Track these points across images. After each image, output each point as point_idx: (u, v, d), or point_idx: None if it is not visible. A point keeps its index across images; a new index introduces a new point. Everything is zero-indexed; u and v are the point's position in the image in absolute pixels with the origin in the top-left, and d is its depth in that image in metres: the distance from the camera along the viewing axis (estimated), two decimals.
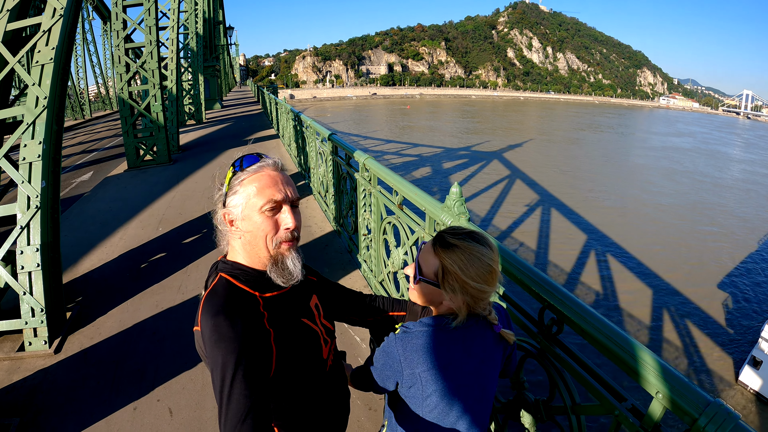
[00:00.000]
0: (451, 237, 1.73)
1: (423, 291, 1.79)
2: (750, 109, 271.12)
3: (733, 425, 1.44)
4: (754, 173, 74.34)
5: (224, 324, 1.49)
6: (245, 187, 1.63)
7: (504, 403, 2.78)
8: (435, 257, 1.72)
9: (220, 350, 1.44)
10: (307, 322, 1.79)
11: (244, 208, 1.62)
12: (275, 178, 1.65)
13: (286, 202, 1.64)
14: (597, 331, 1.95)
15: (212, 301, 1.57)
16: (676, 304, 28.28)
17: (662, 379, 1.68)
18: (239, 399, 1.39)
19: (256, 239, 1.64)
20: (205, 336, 1.50)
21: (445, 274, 1.70)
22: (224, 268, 1.70)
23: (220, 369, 1.42)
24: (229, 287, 1.62)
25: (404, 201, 4.29)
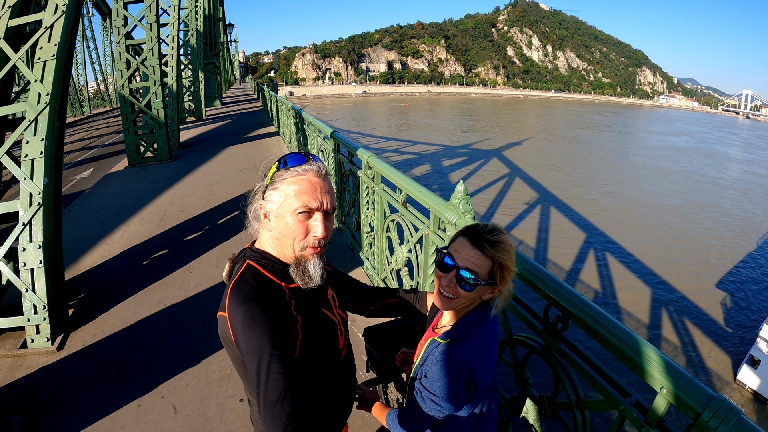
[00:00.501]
0: (491, 235, 1.79)
1: (475, 295, 1.81)
2: (749, 108, 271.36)
3: (736, 420, 1.46)
4: (753, 173, 74.29)
5: (257, 309, 1.53)
6: (285, 187, 1.65)
7: (508, 400, 2.80)
8: (486, 258, 1.76)
9: (255, 333, 1.49)
10: (326, 312, 1.85)
11: (279, 206, 1.66)
12: (315, 185, 1.67)
13: (320, 210, 1.66)
14: (603, 327, 1.96)
15: (242, 288, 1.61)
16: (675, 302, 28.34)
17: (667, 374, 1.70)
18: (277, 378, 1.45)
19: (284, 238, 1.68)
20: (236, 321, 1.54)
21: (503, 270, 1.79)
22: (252, 257, 1.74)
23: (256, 351, 1.48)
24: (256, 275, 1.67)
25: (408, 199, 4.29)
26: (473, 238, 1.79)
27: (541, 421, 2.63)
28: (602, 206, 46.55)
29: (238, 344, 1.55)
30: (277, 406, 1.43)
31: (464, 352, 1.80)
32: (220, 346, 5.00)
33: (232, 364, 1.74)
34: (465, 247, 1.80)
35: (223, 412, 4.04)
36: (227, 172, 13.31)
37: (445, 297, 1.82)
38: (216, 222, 9.01)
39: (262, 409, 1.45)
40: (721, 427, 1.47)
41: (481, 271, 1.76)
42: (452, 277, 1.79)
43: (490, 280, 1.78)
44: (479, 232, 1.80)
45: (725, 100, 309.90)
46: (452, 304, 1.83)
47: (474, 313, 1.88)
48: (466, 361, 1.78)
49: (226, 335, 1.63)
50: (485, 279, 1.77)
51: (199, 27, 30.92)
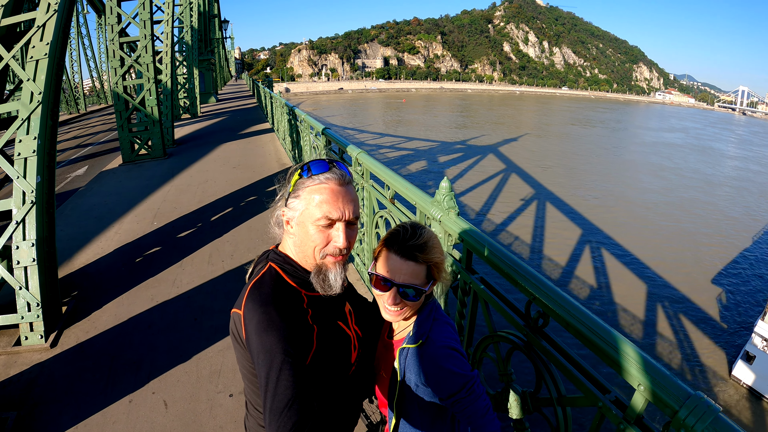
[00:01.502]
0: (416, 239, 1.81)
1: (422, 299, 1.85)
2: (746, 105, 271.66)
3: (713, 418, 1.45)
4: (747, 170, 74.25)
5: (275, 313, 1.54)
6: (307, 195, 1.66)
7: (492, 395, 2.82)
8: (420, 265, 1.79)
9: (269, 337, 1.50)
10: (341, 325, 1.84)
11: (301, 214, 1.66)
12: (338, 194, 1.66)
13: (341, 220, 1.66)
14: (581, 324, 1.97)
15: (261, 290, 1.62)
16: (670, 298, 28.42)
17: (644, 371, 1.70)
18: (286, 386, 1.46)
19: (305, 246, 1.69)
20: (251, 321, 1.55)
21: (438, 266, 1.83)
22: (275, 260, 1.76)
23: (268, 355, 1.49)
24: (277, 279, 1.68)
25: (396, 195, 4.32)
26: (402, 250, 1.80)
27: (524, 417, 2.66)
28: (590, 204, 46.43)
29: (249, 345, 1.56)
30: (283, 413, 1.43)
31: (439, 341, 1.83)
32: (211, 342, 5.04)
33: (237, 363, 1.74)
34: (396, 262, 1.81)
35: (212, 407, 4.08)
36: (221, 169, 13.30)
37: (394, 311, 1.84)
38: (209, 219, 9.03)
39: (268, 415, 1.45)
40: (698, 425, 1.47)
41: (419, 280, 1.80)
42: (395, 294, 1.81)
43: (430, 281, 1.82)
44: (405, 241, 1.81)
45: (722, 97, 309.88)
46: (402, 314, 1.86)
47: (426, 309, 1.92)
48: (447, 346, 1.82)
49: (237, 332, 1.64)
50: (425, 285, 1.81)
51: (194, 23, 30.83)
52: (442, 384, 1.79)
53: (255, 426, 1.83)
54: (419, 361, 1.84)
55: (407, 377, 1.88)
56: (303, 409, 1.46)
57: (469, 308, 3.00)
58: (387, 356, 2.04)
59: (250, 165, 13.69)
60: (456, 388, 1.76)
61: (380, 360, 2.09)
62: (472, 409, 1.77)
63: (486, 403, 1.80)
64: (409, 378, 1.87)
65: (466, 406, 1.77)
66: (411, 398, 1.90)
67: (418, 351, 1.84)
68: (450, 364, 1.77)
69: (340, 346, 1.81)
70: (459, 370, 1.77)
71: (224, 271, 6.84)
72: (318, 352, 1.65)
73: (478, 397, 1.77)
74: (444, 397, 1.81)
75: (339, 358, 1.80)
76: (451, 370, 1.77)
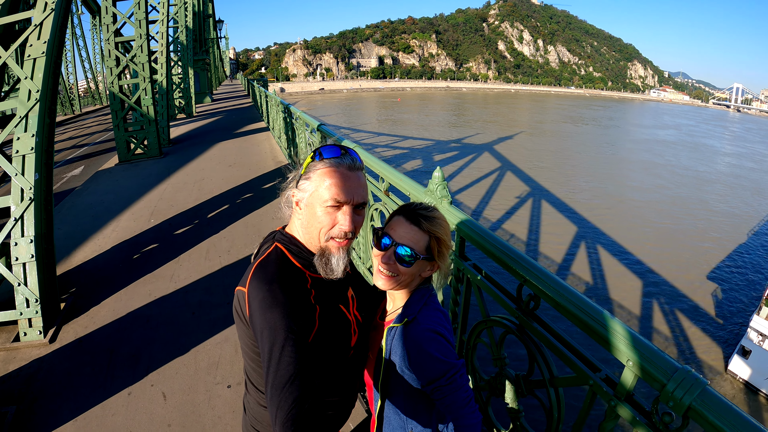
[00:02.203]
0: (426, 211, 1.87)
1: (414, 270, 1.86)
2: (740, 102, 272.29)
3: (701, 390, 1.49)
4: (741, 167, 74.28)
5: (279, 291, 1.57)
6: (317, 177, 1.69)
7: (487, 380, 2.86)
8: (422, 233, 1.84)
9: (273, 314, 1.53)
10: (343, 308, 1.87)
11: (310, 196, 1.69)
12: (347, 178, 1.69)
13: (348, 204, 1.69)
14: (570, 303, 2.02)
15: (267, 269, 1.65)
16: (666, 294, 28.49)
17: (632, 347, 1.74)
18: (288, 362, 1.49)
19: (312, 228, 1.72)
20: (255, 299, 1.58)
21: (440, 244, 1.85)
22: (282, 240, 1.79)
23: (272, 331, 1.52)
24: (282, 258, 1.71)
25: (390, 187, 4.36)
26: (409, 215, 1.87)
27: (518, 400, 2.70)
28: (580, 202, 46.37)
29: (253, 322, 1.58)
30: (285, 388, 1.45)
31: (425, 324, 1.83)
32: (209, 335, 5.08)
33: (239, 340, 1.77)
34: (401, 225, 1.87)
35: (211, 398, 4.12)
36: (217, 168, 13.32)
37: (386, 275, 1.87)
38: (206, 216, 9.05)
39: (269, 390, 1.47)
40: (686, 397, 1.50)
41: (418, 246, 1.83)
42: (391, 254, 1.85)
43: (428, 255, 1.85)
44: (414, 209, 1.88)
45: (716, 94, 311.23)
46: (393, 282, 1.88)
47: (419, 292, 1.94)
48: (433, 329, 1.81)
49: (241, 310, 1.66)
50: (423, 253, 1.84)
51: (189, 23, 30.79)
52: (423, 368, 1.80)
53: (254, 404, 1.86)
54: (403, 342, 1.85)
55: (392, 358, 1.89)
56: (304, 385, 1.48)
57: (463, 295, 3.04)
58: (376, 337, 2.05)
59: (245, 163, 13.70)
60: (436, 375, 1.76)
61: (371, 341, 2.10)
62: (451, 399, 1.77)
63: (468, 394, 1.78)
64: (394, 359, 1.88)
65: (445, 395, 1.76)
66: (395, 380, 1.90)
67: (403, 331, 1.86)
68: (432, 348, 1.78)
69: (341, 329, 1.83)
70: (441, 356, 1.77)
71: (221, 266, 6.87)
72: (320, 332, 1.68)
73: (459, 388, 1.77)
74: (424, 383, 1.81)
75: (339, 341, 1.83)
76: (432, 354, 1.77)
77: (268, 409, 1.48)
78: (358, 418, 3.56)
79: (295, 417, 1.44)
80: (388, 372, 1.92)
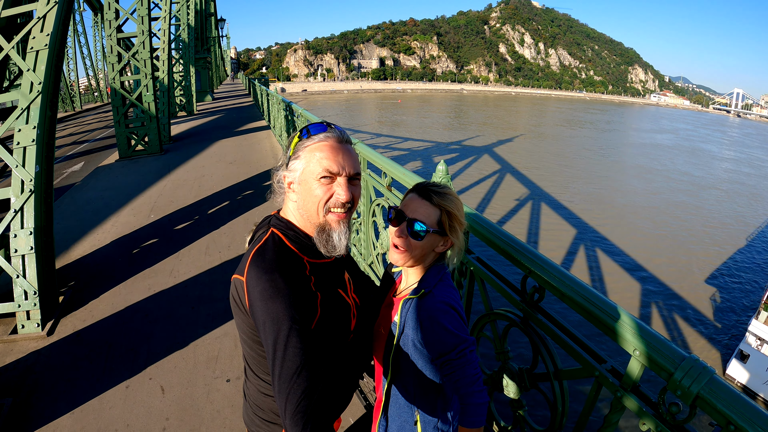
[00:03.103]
0: (437, 187, 1.91)
1: (426, 244, 1.89)
2: (740, 107, 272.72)
3: (708, 378, 1.47)
4: (738, 172, 74.14)
5: (281, 280, 1.54)
6: (307, 154, 1.67)
7: (489, 375, 2.84)
8: (433, 207, 1.86)
9: (276, 304, 1.50)
10: (341, 293, 1.85)
11: (302, 173, 1.67)
12: (337, 149, 1.68)
13: (341, 175, 1.67)
14: (576, 294, 2.00)
15: (265, 256, 1.62)
16: (664, 298, 28.52)
17: (639, 336, 1.72)
18: (294, 353, 1.47)
19: (309, 204, 1.69)
20: (254, 289, 1.54)
21: (451, 218, 1.88)
22: (277, 225, 1.75)
23: (275, 323, 1.49)
24: (279, 245, 1.68)
25: (393, 182, 4.35)
26: (421, 191, 1.91)
27: (521, 394, 2.68)
28: (574, 206, 46.37)
29: (254, 312, 1.55)
30: (293, 380, 1.44)
31: (441, 296, 1.84)
32: (209, 329, 5.06)
33: (237, 329, 1.74)
34: (414, 200, 1.91)
35: (210, 392, 4.10)
36: (217, 165, 13.31)
37: (400, 250, 1.89)
38: (206, 212, 9.04)
39: (277, 382, 1.46)
40: (694, 386, 1.48)
41: (428, 220, 1.85)
42: (403, 228, 1.88)
43: (439, 229, 1.87)
44: (426, 185, 1.92)
45: (716, 99, 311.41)
46: (407, 256, 1.90)
47: (434, 268, 1.95)
48: (448, 303, 1.82)
49: (239, 299, 1.63)
50: (434, 227, 1.86)
51: (191, 21, 30.81)
52: (435, 340, 1.80)
53: (255, 392, 1.84)
54: (417, 314, 1.85)
55: (405, 332, 1.89)
56: (312, 375, 1.47)
57: (466, 289, 3.01)
58: (389, 314, 2.05)
59: (246, 161, 13.70)
60: (447, 348, 1.77)
61: (382, 319, 2.10)
62: (460, 374, 1.77)
63: (477, 371, 1.78)
64: (407, 331, 1.88)
65: (454, 369, 1.77)
66: (406, 355, 1.91)
67: (418, 303, 1.86)
68: (445, 320, 1.78)
69: (341, 314, 1.82)
70: (453, 329, 1.77)
71: (221, 261, 6.85)
72: (322, 319, 1.66)
73: (468, 363, 1.76)
74: (435, 357, 1.81)
75: (340, 326, 1.81)
76: (445, 326, 1.78)
77: (277, 402, 1.47)
78: (358, 413, 3.54)
79: (306, 409, 1.43)
80: (399, 345, 1.93)
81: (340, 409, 2.01)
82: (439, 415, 1.96)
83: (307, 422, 1.42)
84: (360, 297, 2.02)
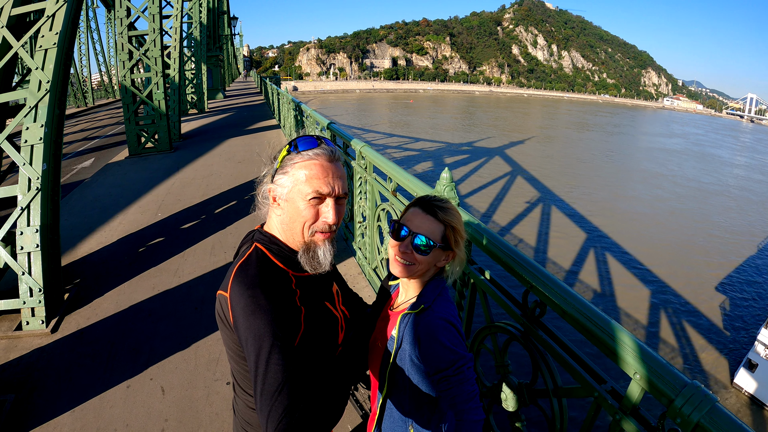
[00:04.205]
0: (441, 203, 1.91)
1: (431, 259, 1.89)
2: (754, 112, 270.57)
3: (710, 407, 1.43)
4: (749, 179, 73.34)
5: (262, 296, 1.52)
6: (295, 171, 1.64)
7: (489, 387, 2.82)
8: (437, 223, 1.87)
9: (257, 320, 1.48)
10: (329, 306, 1.83)
11: (290, 191, 1.64)
12: (327, 169, 1.65)
13: (331, 196, 1.65)
14: (578, 312, 1.97)
15: (247, 272, 1.59)
16: (673, 305, 28.34)
17: (640, 359, 1.69)
18: (276, 370, 1.44)
19: (294, 223, 1.67)
20: (237, 304, 1.52)
21: (455, 233, 1.90)
22: (261, 240, 1.73)
23: (257, 339, 1.47)
24: (263, 260, 1.65)
25: (398, 188, 4.34)
26: (424, 206, 1.91)
27: (520, 409, 2.65)
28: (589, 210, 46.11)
29: (237, 328, 1.53)
30: (274, 397, 1.41)
31: (440, 312, 1.84)
32: (211, 330, 5.06)
33: (224, 344, 1.73)
34: (417, 215, 1.91)
35: (209, 395, 4.09)
36: (226, 164, 13.34)
37: (403, 264, 1.88)
38: (213, 212, 9.05)
39: (259, 400, 1.43)
40: (695, 414, 1.45)
41: (434, 236, 1.86)
42: (408, 243, 1.87)
43: (444, 244, 1.87)
44: (429, 200, 1.92)
45: (730, 104, 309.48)
46: (410, 270, 1.89)
47: (433, 283, 1.95)
48: (447, 319, 1.82)
49: (224, 315, 1.62)
50: (439, 242, 1.86)
51: (203, 19, 30.88)
52: (432, 356, 1.78)
53: (243, 407, 1.82)
54: (415, 329, 1.85)
55: (403, 347, 1.89)
56: (294, 392, 1.45)
57: (467, 300, 3.00)
58: (386, 328, 2.05)
59: (255, 160, 13.68)
60: (445, 364, 1.75)
61: (378, 333, 2.10)
62: (457, 390, 1.74)
63: (473, 389, 1.77)
64: (405, 346, 1.88)
65: (452, 386, 1.74)
66: (403, 369, 1.90)
67: (416, 318, 1.86)
68: (443, 337, 1.77)
69: (328, 327, 1.80)
70: (451, 345, 1.76)
71: (226, 262, 6.84)
72: (306, 334, 1.63)
73: (466, 380, 1.74)
74: (432, 372, 1.80)
75: (326, 339, 1.79)
76: (443, 342, 1.76)
77: (259, 419, 1.45)
78: (354, 421, 3.52)
79: (286, 427, 1.40)
80: (396, 360, 1.93)
81: (331, 423, 1.98)
82: (432, 429, 1.95)
83: None
84: (349, 309, 2.00)
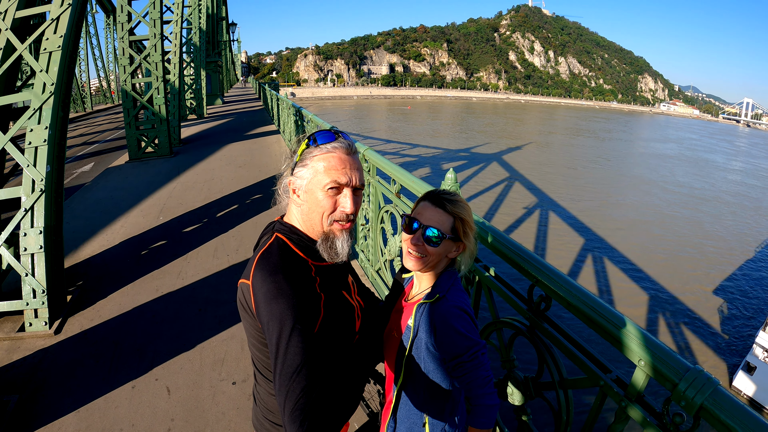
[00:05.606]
0: (449, 195, 1.97)
1: (442, 250, 1.93)
2: (750, 117, 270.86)
3: (712, 390, 1.47)
4: (744, 184, 73.22)
5: (284, 282, 1.57)
6: (314, 163, 1.70)
7: (494, 383, 2.84)
8: (446, 215, 1.92)
9: (279, 305, 1.53)
10: (345, 295, 1.88)
11: (309, 182, 1.70)
12: (345, 161, 1.71)
13: (348, 186, 1.71)
14: (583, 303, 2.01)
15: (269, 259, 1.64)
16: (671, 308, 28.30)
17: (644, 346, 1.73)
18: (295, 352, 1.49)
19: (314, 213, 1.72)
20: (260, 291, 1.57)
21: (464, 224, 1.94)
22: (281, 230, 1.78)
23: (278, 322, 1.52)
24: (284, 249, 1.71)
25: (402, 189, 4.37)
26: (433, 199, 1.97)
27: (526, 403, 2.68)
28: (586, 214, 46.20)
29: (259, 314, 1.57)
30: (292, 378, 1.46)
31: (454, 301, 1.88)
32: (215, 332, 5.08)
33: (245, 333, 1.77)
34: (427, 209, 1.96)
35: (215, 395, 4.11)
36: (227, 168, 13.38)
37: (415, 256, 1.93)
38: (215, 215, 9.08)
39: (278, 380, 1.48)
40: (698, 397, 1.49)
41: (443, 227, 1.91)
42: (419, 236, 1.92)
43: (454, 235, 1.92)
44: (439, 194, 1.98)
45: (726, 109, 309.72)
46: (422, 262, 1.94)
47: (447, 274, 2.00)
48: (461, 307, 1.86)
49: (246, 303, 1.66)
50: (449, 233, 1.91)
51: (202, 25, 31.00)
52: (447, 343, 1.83)
53: (265, 394, 1.86)
54: (430, 317, 1.89)
55: (419, 335, 1.92)
56: (312, 375, 1.49)
57: (473, 297, 3.02)
58: (400, 319, 2.08)
59: (255, 164, 13.77)
60: (460, 351, 1.80)
61: (393, 324, 2.13)
62: (472, 376, 1.80)
63: (488, 374, 1.83)
64: (420, 336, 1.91)
65: (467, 372, 1.81)
66: (419, 358, 1.93)
67: (431, 307, 1.90)
68: (458, 324, 1.82)
69: (346, 315, 1.84)
70: (466, 332, 1.81)
71: (229, 264, 6.89)
72: (325, 320, 1.68)
73: (480, 365, 1.81)
74: (448, 359, 1.85)
75: (344, 327, 1.83)
76: (458, 329, 1.81)
77: (277, 399, 1.49)
78: (361, 420, 3.54)
79: (304, 406, 1.45)
80: (413, 349, 1.96)
81: (348, 413, 2.02)
82: (447, 419, 1.99)
83: (304, 419, 1.44)
84: (364, 300, 2.05)
